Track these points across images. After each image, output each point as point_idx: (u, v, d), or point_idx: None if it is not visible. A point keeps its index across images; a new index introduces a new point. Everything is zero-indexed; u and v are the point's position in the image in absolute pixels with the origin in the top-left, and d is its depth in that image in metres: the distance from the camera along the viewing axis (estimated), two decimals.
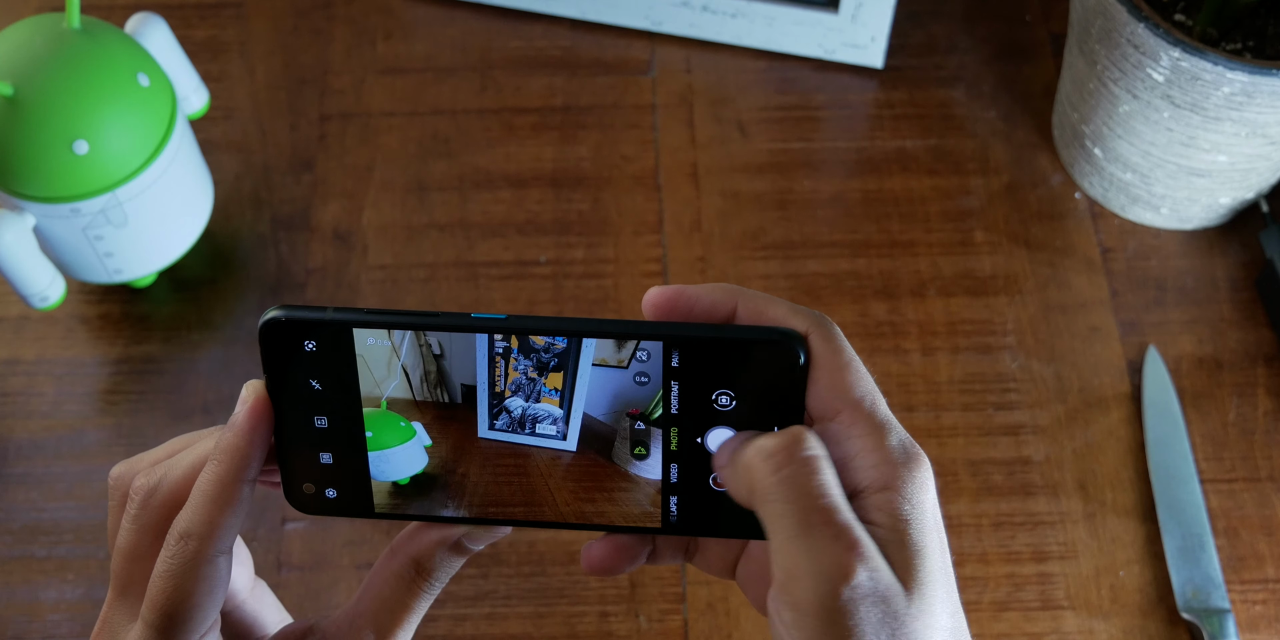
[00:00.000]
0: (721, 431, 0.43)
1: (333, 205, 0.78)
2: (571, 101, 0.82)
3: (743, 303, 0.42)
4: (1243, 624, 0.65)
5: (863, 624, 0.36)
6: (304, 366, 0.43)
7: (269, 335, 0.42)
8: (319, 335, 0.42)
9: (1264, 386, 0.72)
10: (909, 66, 0.83)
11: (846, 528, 0.37)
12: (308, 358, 0.43)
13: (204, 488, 0.41)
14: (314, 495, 0.44)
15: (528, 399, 0.44)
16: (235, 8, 0.86)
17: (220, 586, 0.42)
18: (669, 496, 0.45)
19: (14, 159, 0.65)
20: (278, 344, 0.42)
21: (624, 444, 0.44)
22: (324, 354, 0.42)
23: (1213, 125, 0.68)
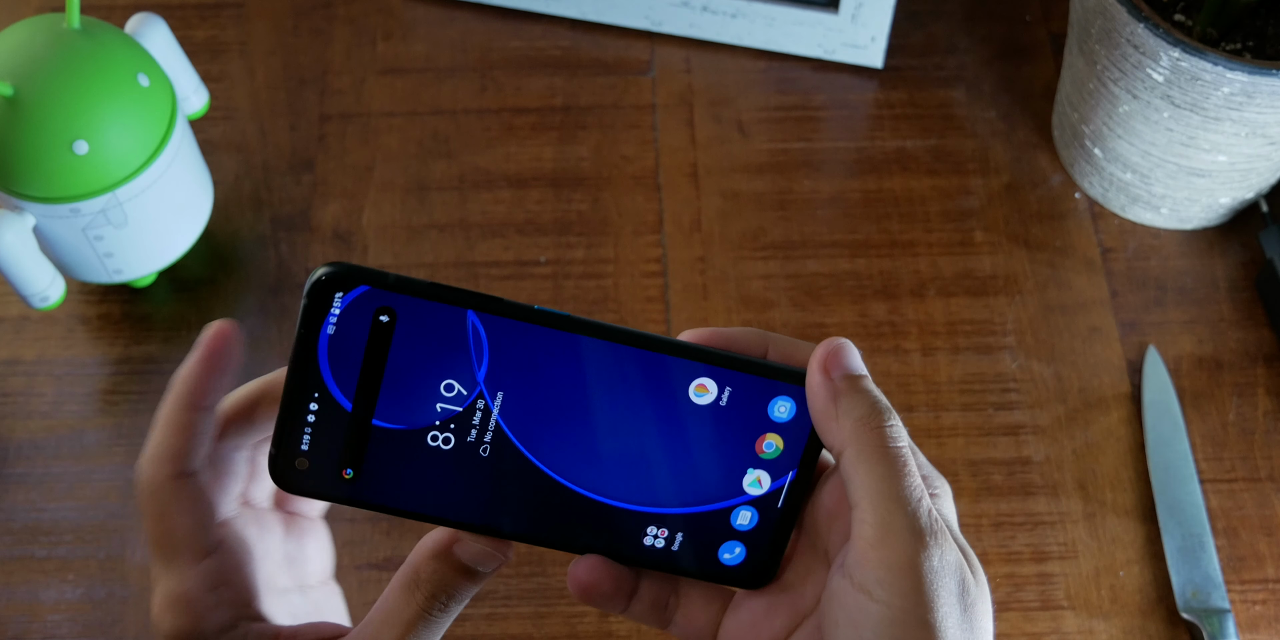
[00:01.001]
0: (758, 472, 0.44)
1: (333, 205, 0.78)
2: (571, 101, 0.82)
3: (773, 347, 0.43)
4: (1243, 624, 0.65)
5: (944, 591, 0.38)
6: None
7: (319, 290, 0.41)
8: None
9: (1264, 386, 0.72)
10: (909, 66, 0.83)
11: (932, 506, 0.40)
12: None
13: (159, 416, 0.43)
14: (304, 471, 0.42)
15: None
16: (235, 8, 0.86)
17: (197, 507, 0.43)
18: (676, 531, 0.44)
19: (14, 159, 0.65)
20: (325, 301, 0.41)
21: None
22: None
23: (1213, 125, 0.68)
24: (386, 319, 0.41)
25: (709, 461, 0.44)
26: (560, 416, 0.43)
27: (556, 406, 0.43)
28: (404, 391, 0.42)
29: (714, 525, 0.44)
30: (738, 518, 0.44)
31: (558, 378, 0.43)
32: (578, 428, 0.43)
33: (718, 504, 0.44)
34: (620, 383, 0.43)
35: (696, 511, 0.44)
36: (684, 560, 0.45)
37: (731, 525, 0.44)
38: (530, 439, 0.43)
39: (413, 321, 0.41)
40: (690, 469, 0.44)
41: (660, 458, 0.44)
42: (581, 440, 0.43)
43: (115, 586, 0.67)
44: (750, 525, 0.44)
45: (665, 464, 0.44)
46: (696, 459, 0.44)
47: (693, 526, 0.44)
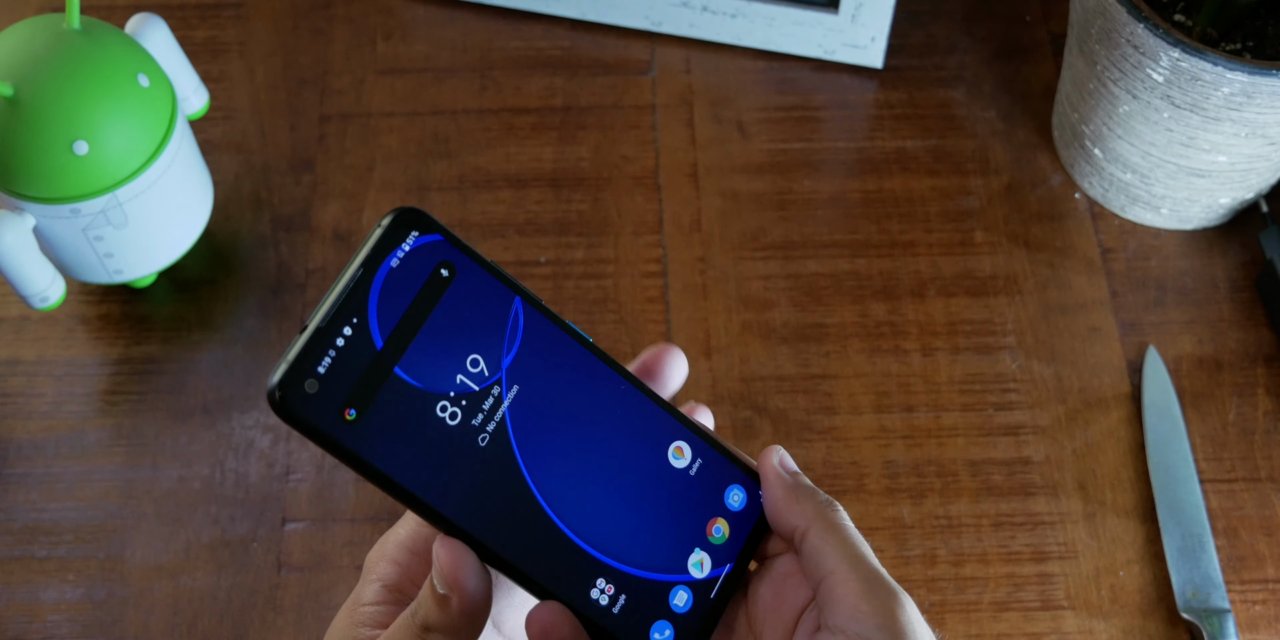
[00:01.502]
0: (702, 554, 0.45)
1: (333, 205, 0.78)
2: (571, 101, 0.82)
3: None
4: (1243, 624, 0.65)
5: (921, 628, 0.43)
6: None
7: (399, 223, 0.41)
8: (445, 253, 0.41)
9: (1264, 386, 0.72)
10: (909, 67, 0.83)
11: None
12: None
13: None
14: (309, 396, 0.40)
15: None
16: (235, 8, 0.86)
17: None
18: (621, 591, 0.44)
19: (14, 159, 0.65)
20: (400, 235, 0.41)
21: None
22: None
23: (1212, 125, 0.68)
24: (446, 274, 0.41)
25: (666, 526, 0.45)
26: (558, 433, 0.43)
27: (558, 422, 0.43)
28: (434, 351, 0.41)
29: (654, 598, 0.44)
30: (675, 597, 0.45)
31: (568, 393, 0.43)
32: (569, 450, 0.43)
33: (663, 575, 0.45)
34: (617, 419, 0.44)
35: (642, 576, 0.44)
36: (620, 628, 0.44)
37: (669, 603, 0.45)
38: (526, 445, 0.43)
39: (466, 287, 0.41)
40: (649, 528, 0.44)
41: (627, 507, 0.44)
42: (568, 464, 0.43)
43: (115, 586, 0.67)
44: (685, 608, 0.45)
45: (630, 515, 0.44)
46: (656, 519, 0.45)
47: (636, 591, 0.44)
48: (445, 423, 0.42)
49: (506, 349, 0.42)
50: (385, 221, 0.41)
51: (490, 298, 0.42)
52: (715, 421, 0.70)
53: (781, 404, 0.71)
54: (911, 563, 0.67)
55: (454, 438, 0.42)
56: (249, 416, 0.71)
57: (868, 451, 0.70)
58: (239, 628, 0.66)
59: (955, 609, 0.66)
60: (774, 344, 0.73)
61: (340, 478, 0.70)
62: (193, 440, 0.71)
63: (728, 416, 0.71)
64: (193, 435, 0.71)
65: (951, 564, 0.67)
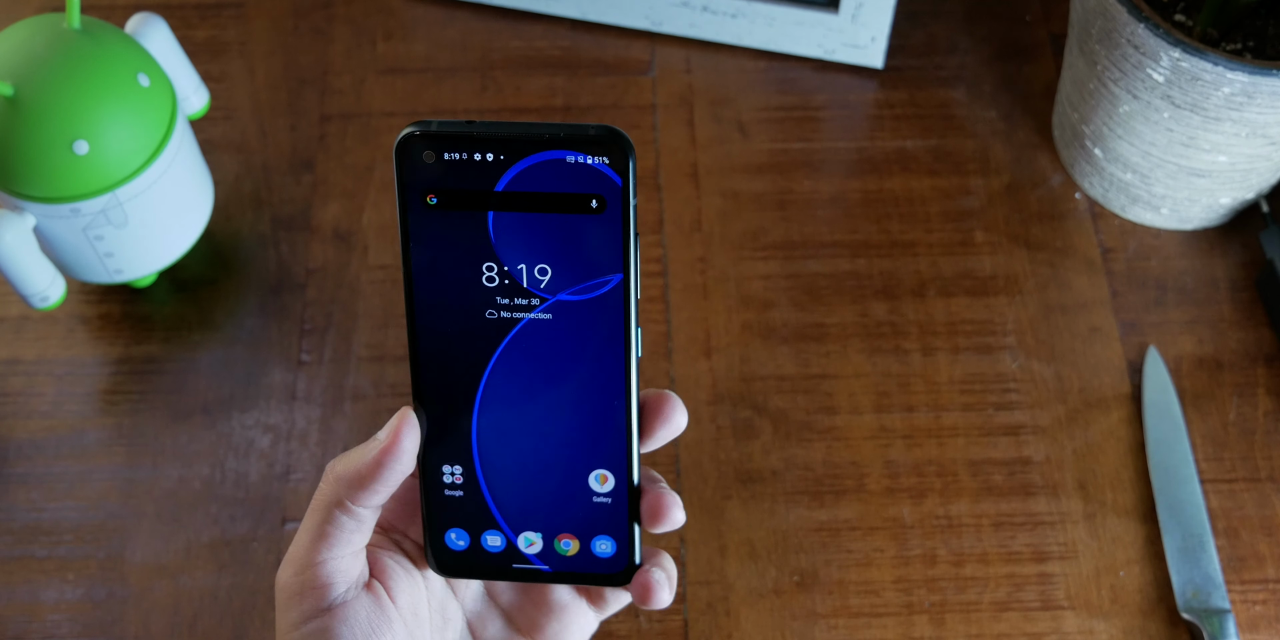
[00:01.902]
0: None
1: (333, 205, 0.78)
2: (571, 101, 0.82)
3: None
4: (1243, 624, 0.65)
5: None
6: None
7: (613, 138, 0.42)
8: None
9: (1264, 386, 0.72)
10: (909, 67, 0.83)
11: None
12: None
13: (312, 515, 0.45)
14: (419, 162, 0.43)
15: None
16: (235, 8, 0.86)
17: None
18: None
19: (14, 159, 0.65)
20: (602, 146, 0.42)
21: None
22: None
23: (1213, 125, 0.68)
24: (595, 204, 0.43)
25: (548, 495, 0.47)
26: (532, 378, 0.45)
27: (540, 372, 0.45)
28: (525, 235, 0.43)
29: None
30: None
31: (570, 361, 0.45)
32: (528, 391, 0.45)
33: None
34: (585, 414, 0.45)
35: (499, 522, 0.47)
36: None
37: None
38: (506, 357, 0.45)
39: (598, 226, 0.43)
40: (535, 485, 0.47)
41: (527, 464, 0.46)
42: (517, 398, 0.45)
43: (115, 586, 0.67)
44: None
45: (524, 471, 0.46)
46: (542, 487, 0.47)
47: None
48: (481, 277, 0.44)
49: (573, 290, 0.44)
50: (609, 131, 0.42)
51: (604, 249, 0.43)
52: (715, 422, 0.70)
53: (781, 404, 0.71)
54: (911, 563, 0.67)
55: (474, 289, 0.44)
56: (249, 416, 0.71)
57: (868, 451, 0.70)
58: (239, 628, 0.66)
59: (955, 609, 0.66)
60: (774, 344, 0.73)
61: None
62: (193, 440, 0.71)
63: (728, 416, 0.71)
64: (193, 435, 0.71)
65: (951, 564, 0.67)
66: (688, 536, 0.68)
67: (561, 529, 0.47)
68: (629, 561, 0.47)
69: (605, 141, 0.42)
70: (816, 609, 0.66)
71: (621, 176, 0.42)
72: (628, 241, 0.43)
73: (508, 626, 0.49)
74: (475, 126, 0.42)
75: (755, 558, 0.67)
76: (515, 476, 0.46)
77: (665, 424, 0.46)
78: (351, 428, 0.71)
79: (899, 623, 0.66)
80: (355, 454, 0.45)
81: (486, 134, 0.42)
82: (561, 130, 0.42)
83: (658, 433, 0.46)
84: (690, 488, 0.69)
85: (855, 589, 0.66)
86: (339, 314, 0.75)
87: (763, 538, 0.68)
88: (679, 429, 0.46)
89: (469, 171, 0.42)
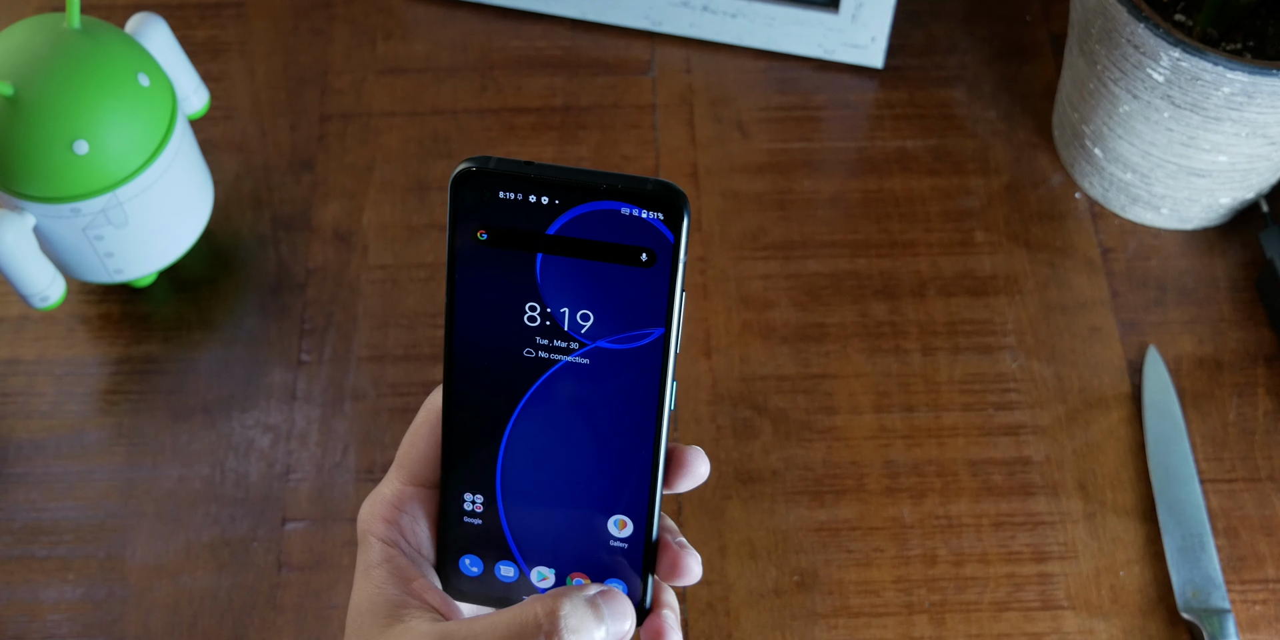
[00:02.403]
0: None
1: (333, 205, 0.78)
2: (571, 101, 0.82)
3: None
4: (1243, 624, 0.65)
5: None
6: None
7: (672, 196, 0.42)
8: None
9: (1264, 386, 0.72)
10: (909, 66, 0.83)
11: None
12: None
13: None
14: (476, 197, 0.43)
15: None
16: (235, 8, 0.86)
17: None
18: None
19: (14, 159, 0.65)
20: (661, 201, 0.42)
21: None
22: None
23: (1213, 125, 0.68)
24: (645, 258, 0.43)
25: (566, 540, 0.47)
26: (564, 418, 0.45)
27: (573, 413, 0.45)
28: (572, 279, 0.43)
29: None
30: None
31: (603, 407, 0.45)
32: (557, 433, 0.45)
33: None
34: (611, 459, 0.45)
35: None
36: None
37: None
38: (539, 398, 0.45)
39: (645, 279, 0.43)
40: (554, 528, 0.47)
41: (548, 509, 0.46)
42: (544, 437, 0.45)
43: (115, 586, 0.67)
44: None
45: (546, 515, 0.47)
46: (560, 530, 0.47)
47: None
48: (523, 315, 0.44)
49: (613, 338, 0.44)
50: (666, 187, 0.42)
51: (649, 302, 0.43)
52: (715, 422, 0.70)
53: (781, 404, 0.71)
54: (911, 563, 0.67)
55: (515, 326, 0.44)
56: (249, 416, 0.71)
57: (868, 451, 0.70)
58: (239, 628, 0.66)
59: (955, 609, 0.66)
60: (774, 344, 0.73)
61: (340, 478, 0.70)
62: (193, 440, 0.71)
63: (728, 416, 0.71)
64: (193, 435, 0.71)
65: (951, 564, 0.67)
66: (688, 537, 0.68)
67: (575, 568, 0.46)
68: (640, 609, 0.47)
69: (661, 197, 0.42)
70: (816, 609, 0.66)
71: (674, 233, 0.42)
72: (673, 297, 0.43)
73: None
74: (533, 168, 0.42)
75: (755, 558, 0.67)
76: (535, 512, 0.46)
77: (688, 475, 0.46)
78: (351, 428, 0.71)
79: (899, 623, 0.66)
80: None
81: (543, 177, 0.42)
82: (620, 182, 0.42)
83: (679, 483, 0.46)
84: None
85: (855, 589, 0.66)
86: (339, 314, 0.75)
87: (763, 538, 0.68)
88: (700, 479, 0.46)
89: (522, 212, 0.43)
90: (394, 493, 0.47)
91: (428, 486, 0.47)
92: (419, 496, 0.47)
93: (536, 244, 0.43)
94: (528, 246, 0.43)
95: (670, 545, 0.46)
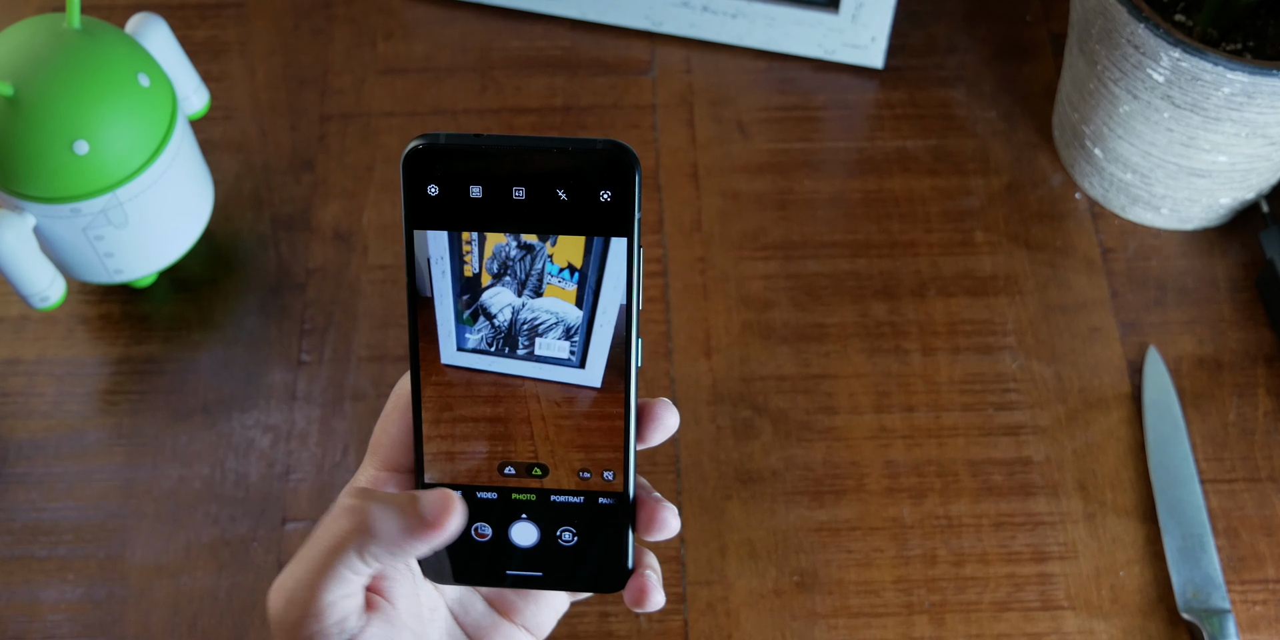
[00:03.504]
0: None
1: (333, 205, 0.78)
2: (571, 101, 0.82)
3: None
4: (1243, 624, 0.65)
5: None
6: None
7: (620, 154, 0.42)
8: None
9: (1264, 386, 0.72)
10: (909, 66, 0.83)
11: None
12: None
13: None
14: (422, 158, 0.43)
15: (521, 290, 0.44)
16: (235, 8, 0.86)
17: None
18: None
19: (14, 159, 0.65)
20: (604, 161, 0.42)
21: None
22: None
23: (1213, 125, 0.68)
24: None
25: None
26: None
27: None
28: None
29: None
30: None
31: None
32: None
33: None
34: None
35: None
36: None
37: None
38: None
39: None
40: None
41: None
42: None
43: (115, 586, 0.67)
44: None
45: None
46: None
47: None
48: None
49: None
50: (615, 145, 0.42)
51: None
52: (715, 422, 0.70)
53: (781, 404, 0.71)
54: (911, 563, 0.67)
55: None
56: (249, 416, 0.71)
57: (868, 451, 0.70)
58: (239, 628, 0.66)
59: (955, 609, 0.66)
60: (774, 344, 0.73)
61: (340, 478, 0.70)
62: (193, 440, 0.71)
63: (728, 416, 0.71)
64: (193, 435, 0.71)
65: (951, 564, 0.67)
66: (688, 536, 0.68)
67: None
68: (622, 568, 0.47)
69: (611, 155, 0.42)
70: (816, 609, 0.66)
71: (626, 190, 0.42)
72: (631, 253, 0.43)
73: (487, 610, 0.49)
74: (483, 139, 0.42)
75: (755, 558, 0.67)
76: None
77: (659, 426, 0.46)
78: (351, 428, 0.71)
79: (899, 623, 0.66)
80: (393, 515, 0.43)
81: (493, 147, 0.42)
82: (569, 144, 0.42)
83: (651, 435, 0.46)
84: (690, 488, 0.69)
85: (855, 589, 0.66)
86: (339, 314, 0.75)
87: (763, 538, 0.68)
88: (670, 430, 0.46)
89: (475, 185, 0.42)
90: (369, 479, 0.47)
91: (402, 471, 0.47)
92: (394, 481, 0.47)
93: (493, 216, 0.42)
94: (484, 220, 0.43)
95: (646, 500, 0.46)
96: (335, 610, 0.43)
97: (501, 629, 0.49)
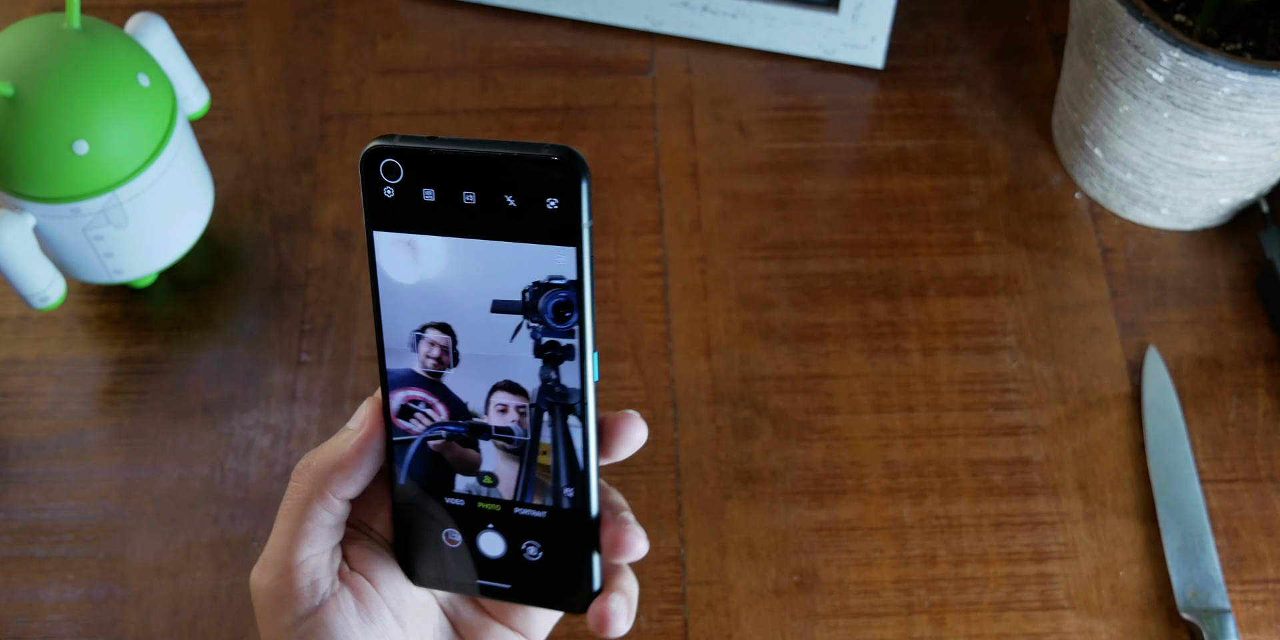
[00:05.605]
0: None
1: (333, 205, 0.78)
2: (571, 101, 0.82)
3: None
4: (1243, 624, 0.65)
5: None
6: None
7: (571, 161, 0.42)
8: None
9: (1264, 386, 0.72)
10: (909, 66, 0.83)
11: None
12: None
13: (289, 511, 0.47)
14: (379, 157, 0.44)
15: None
16: (235, 8, 0.86)
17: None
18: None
19: (14, 159, 0.65)
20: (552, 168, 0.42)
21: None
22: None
23: (1213, 125, 0.68)
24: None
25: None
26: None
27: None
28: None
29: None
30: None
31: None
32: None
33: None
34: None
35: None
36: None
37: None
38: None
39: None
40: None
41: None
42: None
43: (115, 586, 0.67)
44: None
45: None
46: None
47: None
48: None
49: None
50: (564, 151, 0.41)
51: (562, 271, 0.43)
52: (715, 422, 0.70)
53: (781, 404, 0.71)
54: (911, 563, 0.67)
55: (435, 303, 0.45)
56: (249, 416, 0.71)
57: (868, 451, 0.70)
58: (239, 628, 0.66)
59: (955, 609, 0.66)
60: (774, 344, 0.73)
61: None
62: (193, 440, 0.71)
63: (728, 416, 0.71)
64: (193, 435, 0.71)
65: (951, 564, 0.67)
66: (688, 536, 0.68)
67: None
68: (586, 588, 0.46)
69: (557, 162, 0.41)
70: (816, 609, 0.66)
71: (576, 196, 0.42)
72: (580, 261, 0.42)
73: (478, 611, 0.49)
74: (433, 142, 0.43)
75: (755, 558, 0.67)
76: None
77: (623, 442, 0.45)
78: None
79: (899, 623, 0.66)
80: (329, 447, 0.46)
81: (441, 151, 0.42)
82: (517, 148, 0.42)
83: (615, 450, 0.46)
84: (690, 488, 0.69)
85: (855, 589, 0.66)
86: (339, 314, 0.75)
87: (763, 538, 0.68)
88: (637, 444, 0.46)
89: (427, 188, 0.43)
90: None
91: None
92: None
93: (446, 221, 0.43)
94: (438, 224, 0.43)
95: (610, 521, 0.45)
96: (314, 566, 0.45)
97: (493, 630, 0.49)
